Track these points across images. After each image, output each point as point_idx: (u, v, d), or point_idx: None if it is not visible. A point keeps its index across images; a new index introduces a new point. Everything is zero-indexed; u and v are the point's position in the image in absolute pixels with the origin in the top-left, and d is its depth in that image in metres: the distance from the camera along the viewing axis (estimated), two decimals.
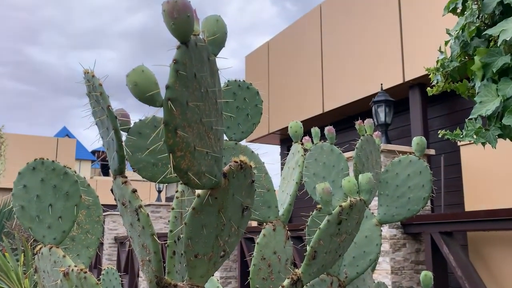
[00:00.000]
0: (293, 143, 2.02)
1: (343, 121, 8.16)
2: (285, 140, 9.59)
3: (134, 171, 1.62)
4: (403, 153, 2.54)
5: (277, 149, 10.62)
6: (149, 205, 10.31)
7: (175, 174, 0.92)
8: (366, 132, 2.18)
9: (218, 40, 1.04)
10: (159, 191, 12.00)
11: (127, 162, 1.56)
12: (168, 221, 1.58)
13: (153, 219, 10.14)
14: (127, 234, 1.27)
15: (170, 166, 0.89)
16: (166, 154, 0.89)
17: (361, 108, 7.51)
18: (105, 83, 1.07)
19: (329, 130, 2.25)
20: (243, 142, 1.91)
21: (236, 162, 1.12)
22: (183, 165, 0.90)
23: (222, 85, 1.90)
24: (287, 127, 9.11)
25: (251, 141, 9.50)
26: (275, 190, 1.85)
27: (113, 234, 11.65)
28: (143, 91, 0.85)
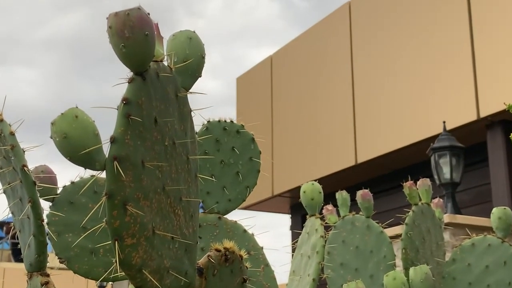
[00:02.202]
0: (308, 216, 2.02)
1: (386, 178, 8.18)
2: (297, 206, 9.56)
3: (61, 262, 1.61)
4: (480, 229, 2.53)
5: (285, 219, 10.56)
6: None
7: (123, 272, 0.92)
8: (420, 199, 2.19)
9: (192, 67, 1.07)
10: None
11: (51, 247, 1.56)
12: None
13: None
14: None
15: (115, 261, 0.89)
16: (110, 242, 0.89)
17: (413, 159, 7.55)
18: (20, 118, 1.08)
19: (363, 195, 2.26)
20: (233, 214, 1.92)
21: (219, 250, 1.12)
22: (136, 259, 0.90)
23: (198, 129, 1.93)
24: (299, 187, 8.88)
25: (246, 208, 9.47)
26: None
27: None
28: (76, 146, 0.87)
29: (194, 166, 1.09)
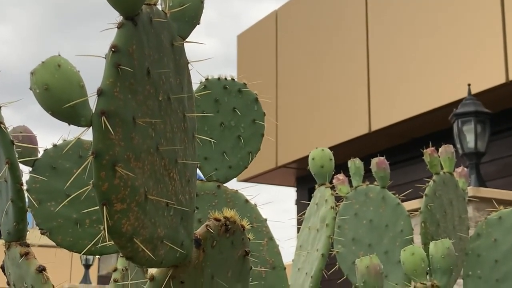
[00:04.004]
0: (317, 185, 2.02)
1: (403, 147, 8.18)
2: (304, 179, 9.59)
3: (42, 234, 1.62)
4: (507, 204, 2.54)
5: (291, 193, 10.60)
6: None
7: (112, 242, 0.91)
8: (442, 168, 2.18)
9: (189, 13, 1.05)
10: (87, 266, 11.93)
11: (31, 217, 1.56)
12: None
13: None
14: None
15: (104, 228, 0.89)
16: (97, 207, 0.89)
17: (433, 126, 7.54)
18: None
19: (379, 164, 2.26)
20: (233, 183, 1.92)
21: (218, 220, 1.12)
22: (126, 227, 0.90)
23: (196, 87, 1.92)
24: (306, 157, 8.84)
25: (246, 180, 9.50)
26: (285, 268, 1.84)
27: None
28: (59, 99, 0.86)
29: (192, 125, 1.09)
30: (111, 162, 0.87)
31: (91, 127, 0.88)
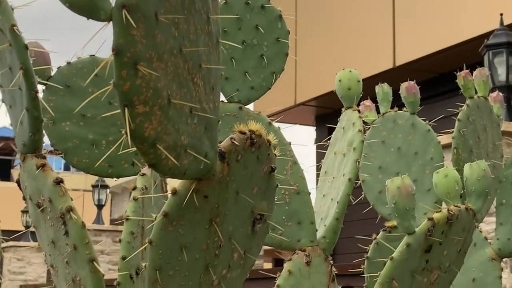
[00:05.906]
0: (343, 109, 2.00)
1: (430, 83, 8.12)
2: (324, 117, 9.58)
3: (57, 155, 1.62)
4: None
5: (309, 131, 10.61)
6: None
7: (133, 149, 0.90)
8: (476, 92, 2.15)
9: None
10: (100, 206, 12.09)
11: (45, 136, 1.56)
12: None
13: None
14: (46, 263, 1.27)
15: (125, 132, 0.88)
16: (116, 123, 0.87)
17: (462, 60, 7.43)
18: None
19: (408, 88, 2.24)
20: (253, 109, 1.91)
21: (243, 133, 1.10)
22: (149, 131, 0.89)
23: None
24: (326, 94, 8.97)
25: None
26: (309, 193, 1.84)
27: (18, 281, 11.77)
28: None
29: (216, 29, 1.06)
30: (132, 60, 0.85)
31: (110, 25, 0.86)
